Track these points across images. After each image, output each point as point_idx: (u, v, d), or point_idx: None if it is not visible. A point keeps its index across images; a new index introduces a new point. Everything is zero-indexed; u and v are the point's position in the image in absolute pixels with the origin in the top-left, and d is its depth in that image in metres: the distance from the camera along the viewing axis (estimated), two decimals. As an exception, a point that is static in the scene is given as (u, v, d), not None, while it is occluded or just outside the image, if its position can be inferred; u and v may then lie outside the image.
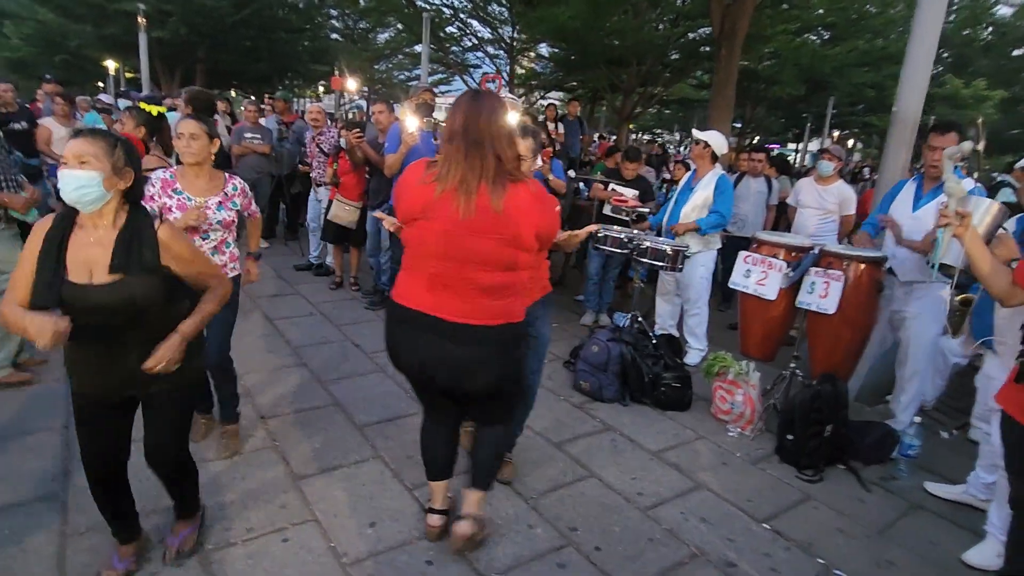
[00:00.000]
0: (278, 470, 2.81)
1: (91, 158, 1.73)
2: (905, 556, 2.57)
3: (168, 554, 2.16)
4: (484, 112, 1.87)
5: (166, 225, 1.89)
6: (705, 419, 3.67)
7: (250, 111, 6.37)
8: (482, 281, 1.90)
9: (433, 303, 1.94)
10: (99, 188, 1.73)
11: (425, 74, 15.63)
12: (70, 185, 1.71)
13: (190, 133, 2.62)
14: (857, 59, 17.19)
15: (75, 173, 1.71)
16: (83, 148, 1.73)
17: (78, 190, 1.71)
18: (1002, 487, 2.56)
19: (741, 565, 2.43)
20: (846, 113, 23.96)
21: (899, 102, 4.00)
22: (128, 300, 1.77)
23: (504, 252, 1.89)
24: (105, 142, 1.77)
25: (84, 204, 1.74)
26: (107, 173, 1.74)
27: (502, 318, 1.98)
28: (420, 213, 1.90)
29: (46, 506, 2.42)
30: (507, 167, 1.87)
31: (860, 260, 3.26)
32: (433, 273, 1.93)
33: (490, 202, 1.83)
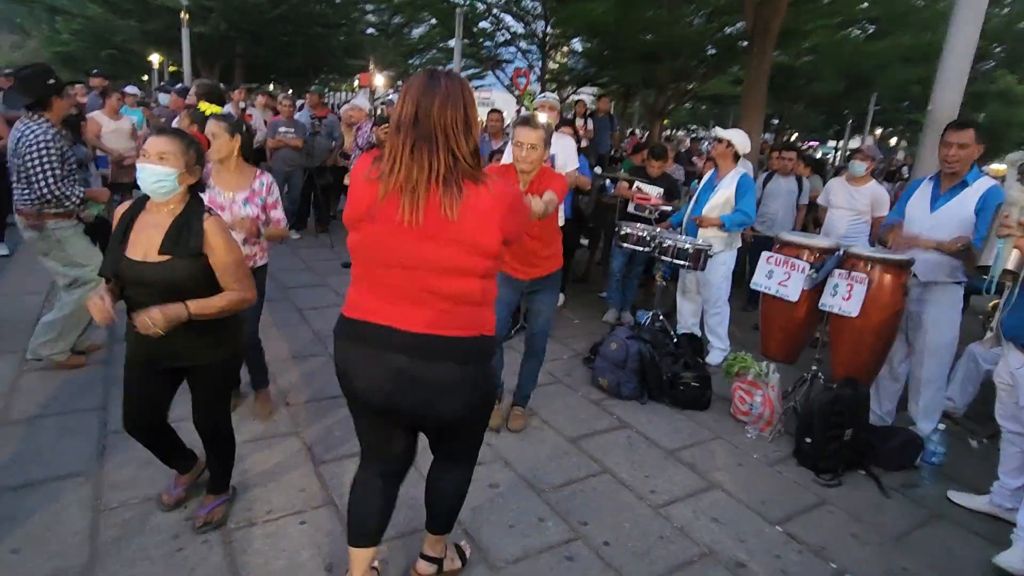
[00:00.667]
0: (299, 455, 2.90)
1: (170, 155, 1.96)
2: (919, 564, 2.53)
3: (196, 521, 2.31)
4: (438, 98, 1.52)
5: (214, 219, 2.05)
6: (723, 419, 3.65)
7: (285, 106, 6.53)
8: (443, 289, 1.61)
9: (390, 314, 1.63)
10: (173, 182, 1.98)
11: (457, 69, 15.70)
12: (150, 178, 1.95)
13: (211, 132, 2.83)
14: (902, 54, 16.63)
15: (155, 168, 1.95)
16: (164, 146, 1.96)
17: (156, 183, 1.96)
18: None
19: (751, 566, 2.42)
20: (890, 110, 23.24)
21: (934, 101, 3.91)
22: (171, 279, 1.97)
23: (466, 259, 1.59)
24: (182, 142, 2.01)
25: (159, 195, 1.99)
26: (181, 169, 1.99)
27: (474, 329, 1.68)
28: (364, 214, 1.60)
29: (81, 482, 2.56)
30: (463, 165, 1.56)
31: (885, 263, 3.19)
32: (386, 283, 1.63)
33: (440, 208, 1.53)
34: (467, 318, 1.66)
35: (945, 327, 3.26)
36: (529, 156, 2.77)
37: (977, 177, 3.11)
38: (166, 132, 2.04)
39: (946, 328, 3.26)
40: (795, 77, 18.09)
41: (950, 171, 3.13)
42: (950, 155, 3.08)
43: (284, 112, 6.62)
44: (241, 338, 2.32)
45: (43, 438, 2.85)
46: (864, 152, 5.04)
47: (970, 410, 3.99)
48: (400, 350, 1.63)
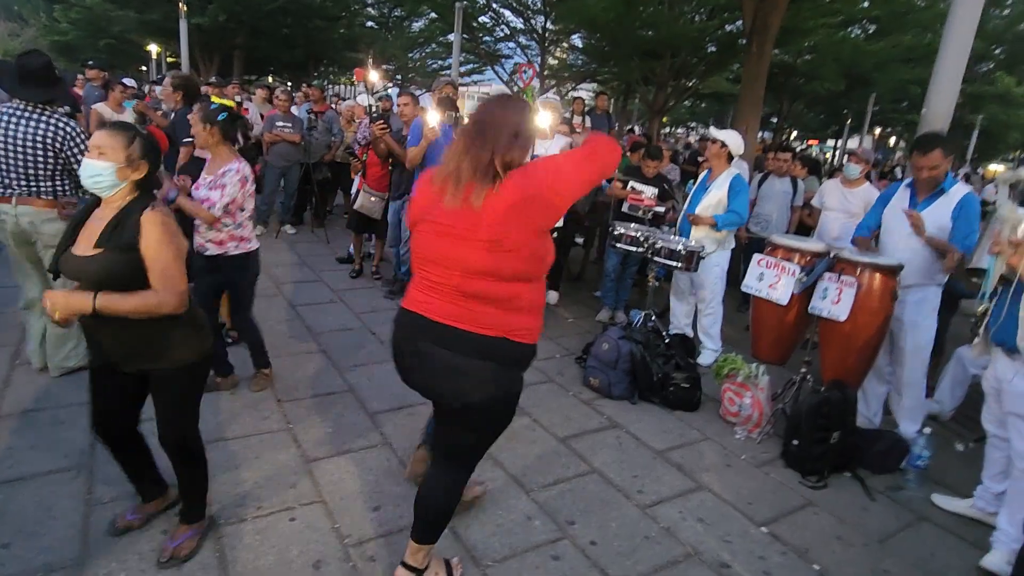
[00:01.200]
0: (291, 452, 2.92)
1: (108, 150, 1.91)
2: (901, 566, 2.56)
3: (162, 554, 2.16)
4: (498, 108, 1.78)
5: (157, 212, 1.94)
6: (713, 420, 3.68)
7: (281, 100, 6.52)
8: (467, 288, 1.75)
9: (422, 302, 1.83)
10: (111, 177, 1.92)
11: (456, 63, 15.68)
12: (86, 173, 1.92)
13: (192, 123, 3.06)
14: (902, 54, 16.65)
15: (92, 162, 1.91)
16: (102, 140, 1.92)
17: (92, 177, 1.91)
18: (1015, 493, 2.53)
19: (735, 567, 2.46)
20: (889, 110, 23.28)
21: (928, 105, 3.93)
22: (102, 273, 1.88)
23: (492, 261, 1.70)
24: (124, 136, 1.94)
25: (98, 190, 1.94)
26: (120, 164, 1.92)
27: (498, 330, 1.77)
28: (420, 216, 1.83)
29: (73, 476, 2.58)
30: (497, 166, 1.71)
31: (874, 268, 3.22)
32: (426, 277, 1.83)
33: (471, 198, 1.69)
34: (491, 319, 1.77)
35: (923, 328, 3.32)
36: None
37: (953, 184, 3.17)
38: (108, 126, 2.00)
39: (924, 329, 3.32)
40: (795, 75, 18.12)
41: (926, 186, 3.21)
42: (922, 177, 3.17)
43: (281, 106, 6.61)
44: (208, 341, 2.15)
45: (35, 432, 2.87)
46: (858, 155, 5.06)
47: (957, 413, 4.02)
48: (427, 336, 1.80)
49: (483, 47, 19.94)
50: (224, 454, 2.83)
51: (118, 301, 1.86)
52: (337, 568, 2.23)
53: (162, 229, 1.92)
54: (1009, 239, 2.08)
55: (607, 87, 20.10)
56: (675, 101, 17.82)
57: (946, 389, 3.97)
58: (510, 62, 21.34)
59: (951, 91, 3.94)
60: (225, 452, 2.85)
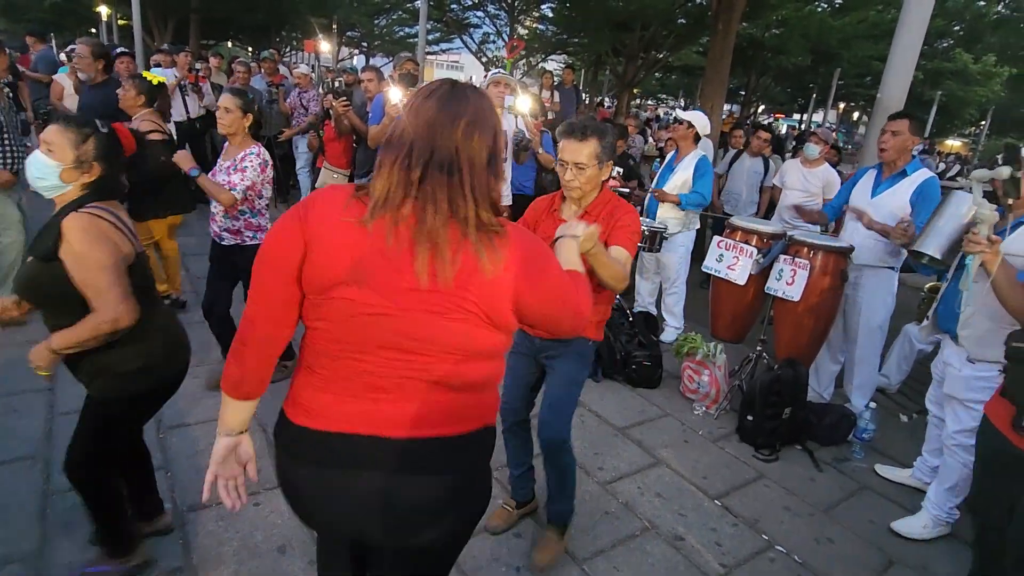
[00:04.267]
0: (255, 436, 2.88)
1: (56, 147, 1.73)
2: (844, 533, 2.72)
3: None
4: (464, 119, 1.12)
5: (82, 216, 1.68)
6: (673, 397, 3.79)
7: (240, 72, 6.29)
8: (450, 378, 1.18)
9: (367, 416, 1.19)
10: (54, 178, 1.73)
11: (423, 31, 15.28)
12: (30, 169, 1.75)
13: (224, 106, 2.96)
14: (866, 30, 16.85)
15: (38, 159, 1.74)
16: (51, 135, 1.73)
17: (36, 176, 1.75)
18: (945, 467, 2.69)
19: (688, 539, 2.57)
20: (853, 85, 23.62)
21: (883, 90, 4.02)
22: (25, 285, 1.74)
23: (481, 336, 1.17)
24: (76, 134, 1.74)
25: (41, 190, 1.76)
26: (67, 165, 1.74)
27: (476, 421, 1.26)
28: (347, 275, 1.11)
29: (30, 465, 2.54)
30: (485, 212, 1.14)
31: (827, 250, 3.33)
32: (364, 372, 1.17)
33: (478, 262, 1.11)
34: (469, 408, 1.25)
35: (878, 309, 3.45)
36: (576, 180, 2.04)
37: (916, 168, 3.26)
38: (63, 120, 1.77)
39: (879, 310, 3.46)
40: (762, 49, 18.19)
41: (883, 158, 3.28)
42: (882, 140, 3.28)
43: (240, 79, 6.39)
44: (131, 387, 1.86)
45: (-12, 421, 2.81)
46: (818, 135, 5.16)
47: (903, 386, 4.23)
48: (375, 466, 1.19)
49: (451, 15, 19.48)
50: (187, 440, 2.82)
51: (67, 335, 1.68)
52: (302, 552, 2.26)
53: (83, 234, 1.64)
54: (988, 237, 2.11)
55: (577, 58, 19.92)
56: (645, 73, 17.76)
57: (893, 364, 4.16)
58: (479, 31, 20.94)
59: (905, 77, 4.03)
60: (188, 438, 2.84)
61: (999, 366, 2.43)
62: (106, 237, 1.70)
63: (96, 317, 1.66)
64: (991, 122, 28.54)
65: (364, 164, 5.05)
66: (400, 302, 1.12)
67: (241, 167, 2.99)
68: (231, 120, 2.97)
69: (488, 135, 1.14)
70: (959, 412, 2.60)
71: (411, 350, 1.15)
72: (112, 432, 1.92)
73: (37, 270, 1.70)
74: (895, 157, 3.24)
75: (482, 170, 1.13)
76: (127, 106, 3.76)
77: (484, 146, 1.14)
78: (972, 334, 2.48)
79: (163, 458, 2.68)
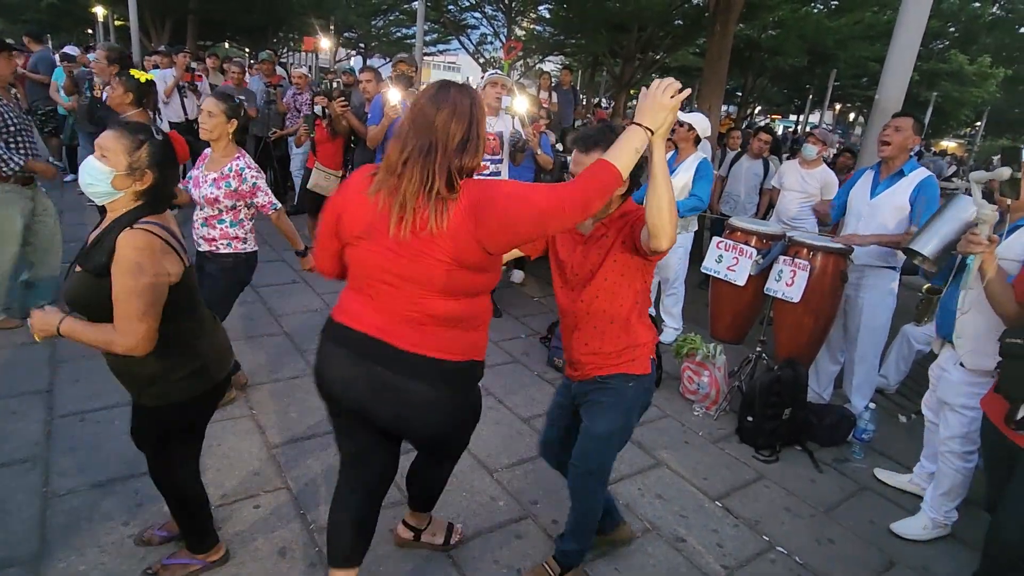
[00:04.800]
0: (254, 438, 2.91)
1: (110, 152, 1.69)
2: (844, 534, 2.72)
3: (152, 567, 2.08)
4: (444, 110, 1.49)
5: (136, 233, 1.66)
6: (673, 398, 3.79)
7: (235, 72, 6.27)
8: (432, 310, 1.57)
9: (379, 326, 1.60)
10: (106, 184, 1.69)
11: (421, 32, 15.29)
12: (83, 174, 1.71)
13: (207, 110, 2.81)
14: (862, 31, 16.92)
15: (92, 164, 1.70)
16: (106, 141, 1.70)
17: (88, 182, 1.71)
18: (940, 475, 2.69)
19: (689, 540, 2.57)
20: (849, 86, 23.70)
21: (882, 90, 4.03)
22: (69, 294, 1.71)
23: (454, 279, 1.53)
24: (131, 140, 1.71)
25: (93, 196, 1.73)
26: (120, 171, 1.70)
27: (461, 354, 1.65)
28: (360, 231, 1.56)
29: (29, 468, 2.53)
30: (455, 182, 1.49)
31: (827, 251, 3.33)
32: (378, 295, 1.60)
33: (427, 225, 1.47)
34: (454, 341, 1.63)
35: (879, 310, 3.45)
36: None
37: (914, 168, 3.28)
38: (119, 125, 1.75)
39: (880, 311, 3.46)
40: (759, 50, 18.25)
41: (883, 154, 3.28)
42: (884, 134, 3.28)
43: (235, 79, 6.36)
44: (188, 387, 1.86)
45: (-14, 423, 2.79)
46: (816, 136, 5.17)
47: (901, 387, 4.24)
48: (382, 362, 1.60)
49: (448, 16, 19.49)
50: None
51: (80, 331, 1.67)
52: (303, 555, 2.25)
53: (135, 255, 1.63)
54: (989, 236, 2.12)
55: (574, 59, 19.95)
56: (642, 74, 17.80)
57: (892, 364, 4.16)
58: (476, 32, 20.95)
59: (903, 79, 4.05)
60: (186, 440, 2.82)
61: (991, 373, 2.44)
62: (156, 260, 1.68)
63: (113, 336, 1.65)
64: (986, 123, 28.65)
65: (362, 164, 5.05)
66: (387, 250, 1.53)
67: (244, 186, 2.88)
68: (214, 125, 2.81)
69: (463, 122, 1.50)
70: (950, 418, 2.60)
71: (398, 285, 1.56)
72: (174, 438, 1.94)
73: (87, 285, 1.67)
74: (896, 154, 3.25)
75: (452, 151, 1.49)
76: (115, 104, 3.70)
77: (459, 131, 1.50)
78: (967, 342, 2.48)
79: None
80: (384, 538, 2.28)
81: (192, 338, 1.86)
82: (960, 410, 2.55)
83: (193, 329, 1.86)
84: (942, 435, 2.65)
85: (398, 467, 1.96)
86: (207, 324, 1.95)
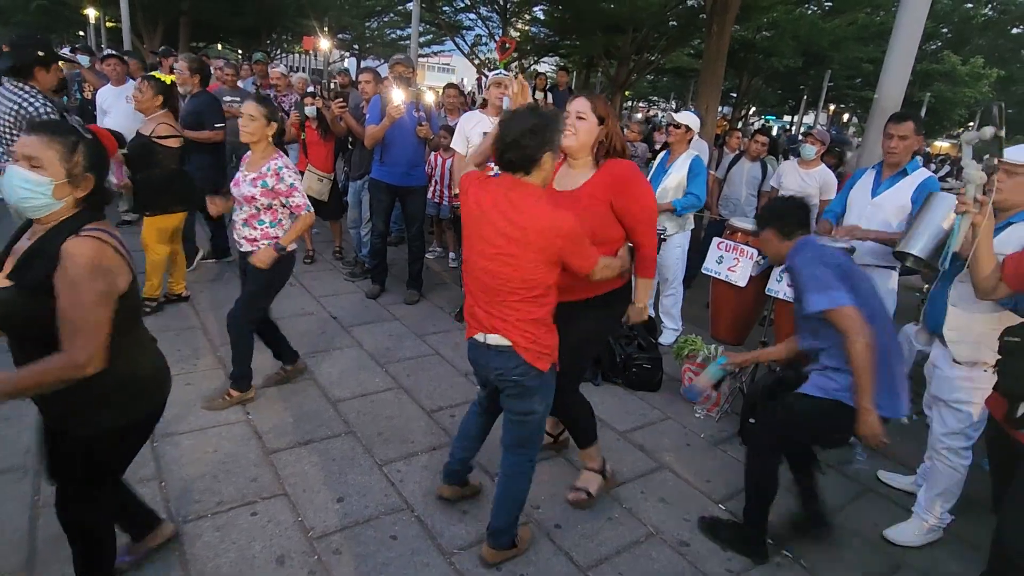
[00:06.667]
0: (250, 444, 2.86)
1: (44, 161, 1.50)
2: (849, 537, 2.70)
3: None
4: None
5: (83, 239, 1.51)
6: (674, 400, 3.76)
7: (228, 74, 6.20)
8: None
9: None
10: (47, 196, 1.51)
11: (416, 33, 15.25)
12: (11, 189, 1.49)
13: (248, 114, 2.90)
14: (856, 33, 17.02)
15: (23, 175, 1.49)
16: (35, 149, 1.50)
17: (19, 196, 1.50)
18: (934, 471, 2.66)
19: (693, 544, 2.54)
20: (843, 87, 23.82)
21: (881, 90, 4.02)
22: (9, 313, 1.50)
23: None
24: (63, 143, 1.53)
25: (29, 210, 1.53)
26: (59, 180, 1.52)
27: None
28: None
29: (19, 477, 2.47)
30: None
31: (829, 251, 3.30)
32: None
33: None
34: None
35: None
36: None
37: (916, 168, 3.26)
38: (41, 127, 1.54)
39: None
40: (754, 51, 18.31)
41: (891, 161, 3.26)
42: (891, 146, 3.22)
43: (227, 80, 6.28)
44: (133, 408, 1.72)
45: (-25, 431, 2.73)
46: (814, 136, 5.15)
47: (903, 387, 4.21)
48: None
49: (443, 17, 19.46)
50: (179, 449, 2.76)
51: (25, 378, 1.45)
52: (301, 563, 2.21)
53: (85, 262, 1.47)
54: (975, 197, 2.09)
55: (569, 60, 19.95)
56: (637, 75, 17.84)
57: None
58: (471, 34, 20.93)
59: (901, 79, 4.04)
60: (180, 447, 2.77)
61: (983, 366, 2.44)
62: (109, 269, 1.54)
63: (65, 359, 1.46)
64: (980, 123, 28.82)
65: (360, 165, 5.01)
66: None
67: (281, 185, 2.93)
68: (255, 128, 2.91)
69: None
70: (944, 414, 2.58)
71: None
72: (106, 472, 1.77)
73: (22, 302, 1.48)
74: (906, 161, 3.23)
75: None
76: (144, 108, 3.68)
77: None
78: (958, 335, 2.48)
79: (156, 468, 2.62)
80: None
81: (136, 355, 1.71)
82: (954, 405, 2.53)
83: (136, 345, 1.71)
84: (936, 432, 2.63)
85: None
86: (148, 340, 1.81)
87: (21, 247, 1.57)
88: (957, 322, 2.47)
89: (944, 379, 2.56)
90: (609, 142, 2.31)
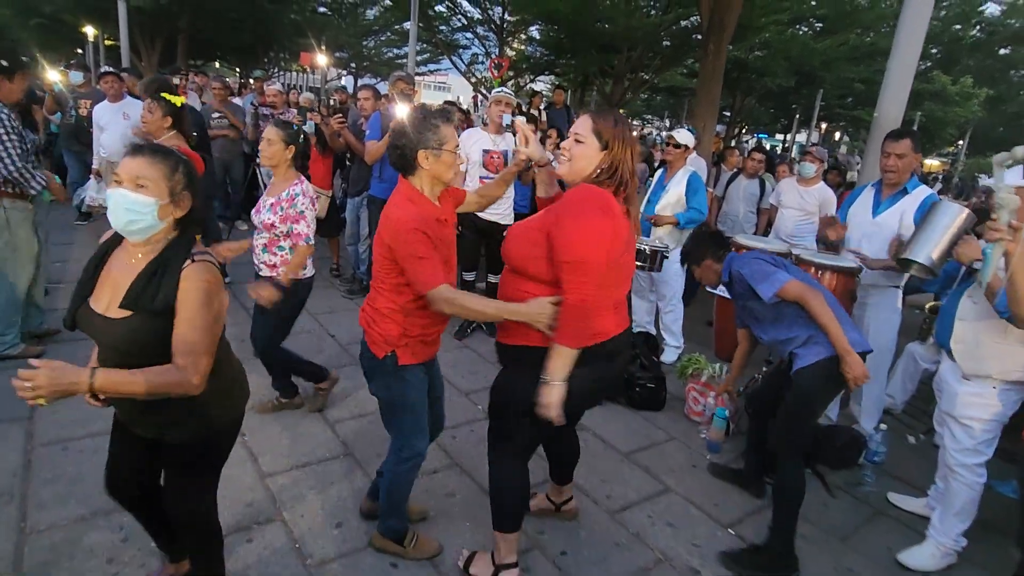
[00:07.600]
0: (246, 467, 2.78)
1: (150, 181, 1.52)
2: (864, 562, 2.63)
3: None
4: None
5: (201, 266, 1.56)
6: (678, 419, 3.70)
7: (217, 89, 6.16)
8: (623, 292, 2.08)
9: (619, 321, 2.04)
10: (152, 217, 1.53)
11: (413, 52, 15.36)
12: (120, 211, 1.51)
13: (268, 138, 2.88)
14: (847, 53, 17.26)
15: (130, 197, 1.51)
16: (141, 169, 1.53)
17: (131, 219, 1.52)
18: (949, 491, 2.61)
19: (704, 572, 2.46)
20: (835, 106, 24.10)
21: (880, 108, 4.03)
22: (127, 342, 1.53)
23: None
24: (167, 164, 1.56)
25: (132, 233, 1.55)
26: (164, 200, 1.54)
27: None
28: (625, 247, 1.95)
29: (5, 501, 2.38)
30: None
31: (835, 270, 3.28)
32: (618, 297, 2.03)
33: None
34: None
35: (884, 329, 3.40)
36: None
37: (916, 186, 3.25)
38: (146, 150, 1.57)
39: (885, 330, 3.40)
40: (747, 71, 18.52)
41: (890, 181, 3.25)
42: (889, 164, 3.21)
43: (217, 95, 6.24)
44: (225, 413, 1.78)
45: (-40, 454, 2.64)
46: (813, 154, 5.16)
47: (908, 407, 4.17)
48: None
49: (440, 36, 19.63)
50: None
51: (127, 381, 1.44)
52: (298, 592, 2.12)
53: (205, 289, 1.54)
54: (1009, 223, 1.96)
55: (564, 79, 20.12)
56: (632, 94, 17.99)
57: (898, 383, 4.09)
58: (467, 52, 21.11)
59: (901, 97, 4.06)
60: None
61: (992, 382, 2.40)
62: (220, 292, 1.60)
63: (180, 377, 1.48)
64: (969, 142, 29.18)
65: (358, 181, 4.97)
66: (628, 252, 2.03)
67: (292, 210, 2.87)
68: (273, 152, 2.88)
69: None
70: (955, 430, 2.54)
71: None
72: (208, 469, 1.84)
73: (148, 327, 1.52)
74: (905, 179, 3.22)
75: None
76: (153, 129, 3.58)
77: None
78: (965, 348, 2.45)
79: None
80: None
81: (225, 363, 1.76)
82: (964, 422, 2.50)
83: (225, 356, 1.76)
84: (949, 449, 2.58)
85: None
86: (228, 348, 1.83)
87: (122, 271, 1.58)
88: (963, 335, 2.46)
89: (953, 395, 2.53)
90: (615, 172, 1.90)
